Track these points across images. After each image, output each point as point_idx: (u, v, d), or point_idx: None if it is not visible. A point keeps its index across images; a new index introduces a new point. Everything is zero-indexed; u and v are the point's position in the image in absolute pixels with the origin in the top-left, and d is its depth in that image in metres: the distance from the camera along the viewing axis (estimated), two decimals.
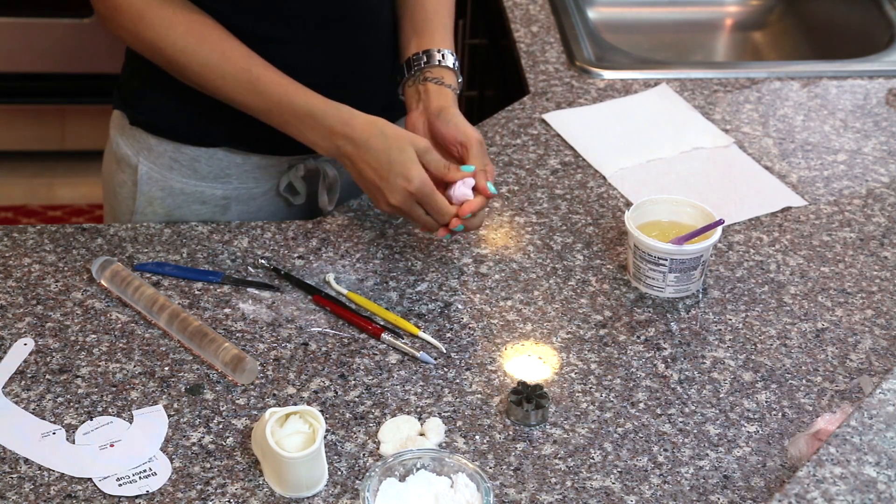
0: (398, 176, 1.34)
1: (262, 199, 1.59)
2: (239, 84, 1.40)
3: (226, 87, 1.41)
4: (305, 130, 1.40)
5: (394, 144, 1.35)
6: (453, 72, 1.49)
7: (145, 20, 1.38)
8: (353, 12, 1.49)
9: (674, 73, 1.94)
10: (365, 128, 1.37)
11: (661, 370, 1.35)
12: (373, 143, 1.36)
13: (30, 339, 1.34)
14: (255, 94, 1.40)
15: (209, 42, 1.40)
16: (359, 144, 1.37)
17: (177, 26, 1.39)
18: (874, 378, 1.34)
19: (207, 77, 1.40)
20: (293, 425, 1.17)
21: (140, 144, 1.55)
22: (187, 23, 1.39)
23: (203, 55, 1.39)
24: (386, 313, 1.40)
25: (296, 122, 1.40)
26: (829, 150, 1.76)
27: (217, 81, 1.41)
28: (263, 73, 1.40)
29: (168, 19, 1.38)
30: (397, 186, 1.34)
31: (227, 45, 1.40)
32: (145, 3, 1.38)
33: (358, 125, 1.37)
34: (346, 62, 1.51)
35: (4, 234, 1.50)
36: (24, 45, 3.04)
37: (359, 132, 1.37)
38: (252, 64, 1.40)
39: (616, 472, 1.22)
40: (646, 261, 1.43)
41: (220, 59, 1.39)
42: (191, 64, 1.40)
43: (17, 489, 1.17)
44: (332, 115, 1.38)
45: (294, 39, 1.46)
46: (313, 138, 1.41)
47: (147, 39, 1.40)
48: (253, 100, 1.41)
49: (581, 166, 1.70)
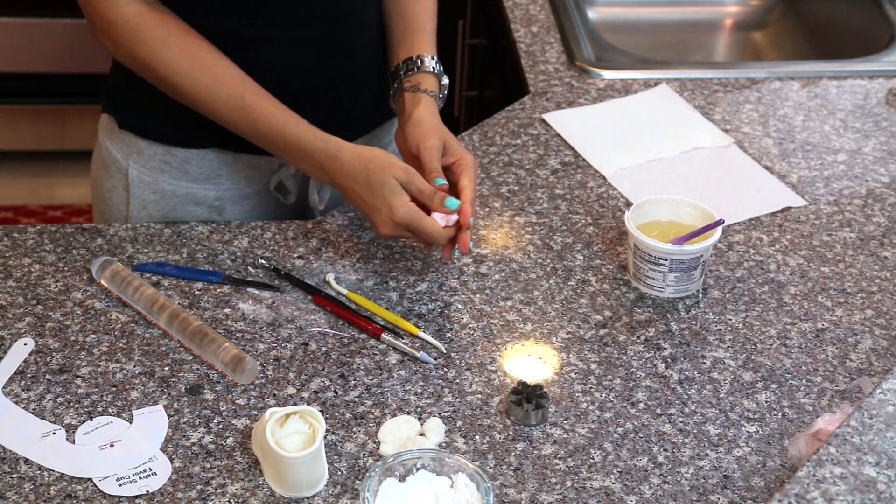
0: (382, 209, 1.36)
1: (255, 198, 1.59)
2: (231, 109, 1.41)
3: (216, 110, 1.42)
4: (297, 161, 1.43)
5: (375, 179, 1.37)
6: (432, 74, 1.50)
7: (140, 38, 1.39)
8: (338, 12, 1.49)
9: (674, 73, 1.94)
10: (351, 162, 1.39)
11: (661, 370, 1.35)
12: (358, 177, 1.38)
13: (30, 339, 1.34)
14: (246, 121, 1.42)
15: (202, 64, 1.40)
16: (347, 177, 1.39)
17: (171, 46, 1.39)
18: (874, 378, 1.34)
19: (199, 99, 1.41)
20: (293, 425, 1.17)
21: (130, 148, 1.55)
22: (181, 44, 1.39)
23: (196, 76, 1.40)
24: (386, 313, 1.40)
25: (286, 153, 1.43)
26: (829, 150, 1.76)
27: (209, 106, 1.42)
28: (255, 102, 1.41)
29: (162, 39, 1.39)
30: (384, 217, 1.37)
31: (220, 70, 1.40)
32: (141, 21, 1.38)
33: (344, 159, 1.39)
34: (333, 62, 1.51)
35: (4, 234, 1.50)
36: (24, 45, 3.04)
37: (346, 167, 1.39)
38: (245, 90, 1.41)
39: (616, 472, 1.22)
40: (646, 261, 1.43)
41: (212, 83, 1.40)
42: (183, 85, 1.40)
43: (17, 489, 1.17)
44: (320, 149, 1.40)
45: (280, 39, 1.46)
46: (305, 168, 1.43)
47: (141, 57, 1.40)
48: (244, 126, 1.42)
49: (581, 166, 1.70)
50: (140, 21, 1.38)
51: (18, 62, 3.08)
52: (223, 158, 1.54)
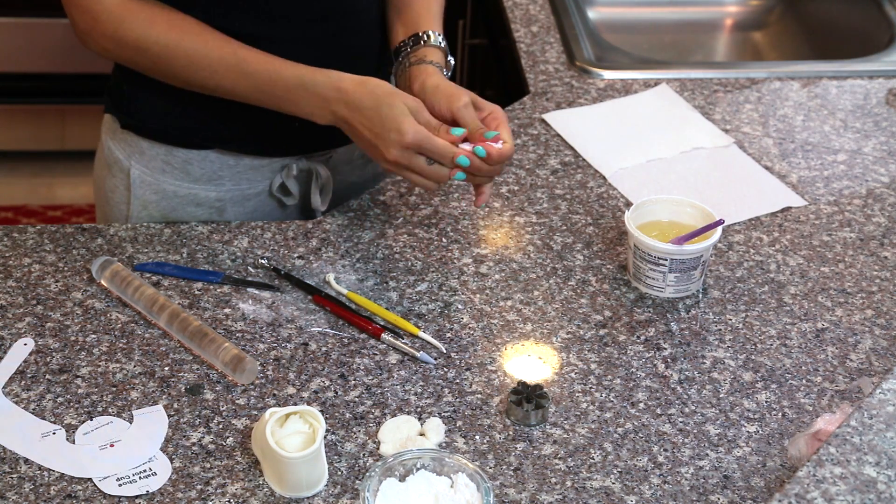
0: (391, 131, 1.34)
1: (256, 200, 1.59)
2: (226, 69, 1.40)
3: (214, 76, 1.41)
4: (299, 102, 1.41)
5: (384, 101, 1.36)
6: (439, 49, 1.49)
7: (126, 23, 1.39)
8: (339, 11, 1.49)
9: (674, 73, 1.94)
10: (356, 88, 1.38)
11: (661, 370, 1.35)
12: (364, 102, 1.37)
13: (30, 339, 1.34)
14: (243, 75, 1.40)
15: (191, 34, 1.40)
16: (352, 106, 1.37)
17: (158, 24, 1.39)
18: (874, 378, 1.34)
19: (194, 68, 1.40)
20: (293, 425, 1.17)
21: (132, 148, 1.55)
22: (167, 21, 1.39)
23: (187, 46, 1.39)
24: (386, 313, 1.40)
25: (288, 97, 1.41)
26: (829, 150, 1.76)
27: (204, 71, 1.40)
28: (249, 55, 1.40)
29: (148, 19, 1.39)
30: (391, 141, 1.35)
31: (209, 35, 1.40)
32: (125, 9, 1.39)
33: (349, 87, 1.38)
34: (333, 61, 1.51)
35: (4, 234, 1.50)
36: (24, 45, 3.04)
37: (350, 94, 1.37)
38: (236, 48, 1.40)
39: (616, 472, 1.22)
40: (646, 261, 1.43)
41: (204, 48, 1.40)
42: (176, 57, 1.40)
43: (17, 489, 1.17)
44: (321, 82, 1.39)
45: (281, 38, 1.46)
46: (308, 109, 1.41)
47: (130, 42, 1.40)
48: (242, 82, 1.41)
49: (581, 166, 1.70)
50: (124, 10, 1.39)
51: (18, 62, 3.08)
52: (224, 160, 1.54)
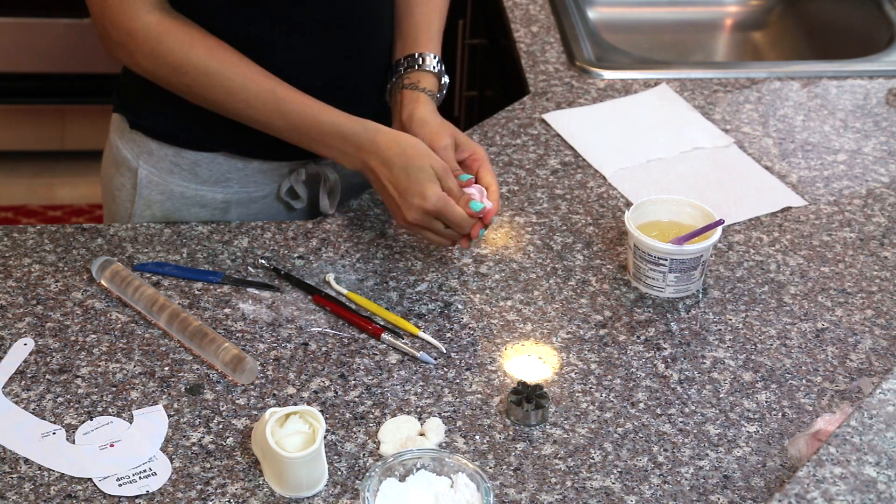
0: (415, 195, 1.36)
1: (263, 202, 1.59)
2: (264, 105, 1.41)
3: (249, 109, 1.42)
4: (332, 146, 1.42)
5: (413, 163, 1.37)
6: (433, 74, 1.51)
7: (164, 45, 1.38)
8: (354, 19, 1.49)
9: (674, 73, 1.94)
10: (389, 145, 1.39)
11: (661, 370, 1.35)
12: (395, 161, 1.38)
13: (30, 339, 1.34)
14: (280, 114, 1.41)
15: (230, 64, 1.40)
16: (383, 161, 1.39)
17: (197, 49, 1.39)
18: (874, 378, 1.34)
19: (232, 99, 1.41)
20: (293, 425, 1.17)
21: (140, 148, 1.55)
22: (206, 47, 1.39)
23: (226, 76, 1.40)
24: (386, 313, 1.40)
25: (322, 140, 1.42)
26: (829, 150, 1.76)
27: (241, 103, 1.41)
28: (287, 94, 1.41)
29: (188, 44, 1.39)
30: (413, 205, 1.37)
31: (248, 68, 1.41)
32: (163, 29, 1.38)
33: (383, 142, 1.40)
34: (345, 65, 1.51)
35: (4, 234, 1.50)
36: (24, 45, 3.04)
37: (384, 150, 1.39)
38: (275, 85, 1.41)
39: (616, 472, 1.22)
40: (646, 261, 1.43)
41: (243, 80, 1.40)
42: (214, 86, 1.40)
43: (17, 489, 1.17)
44: (359, 132, 1.40)
45: (300, 45, 1.46)
46: (339, 154, 1.43)
47: (169, 63, 1.39)
48: (278, 120, 1.42)
49: (581, 166, 1.70)
50: (163, 29, 1.38)
51: (18, 62, 3.08)
52: (233, 163, 1.54)
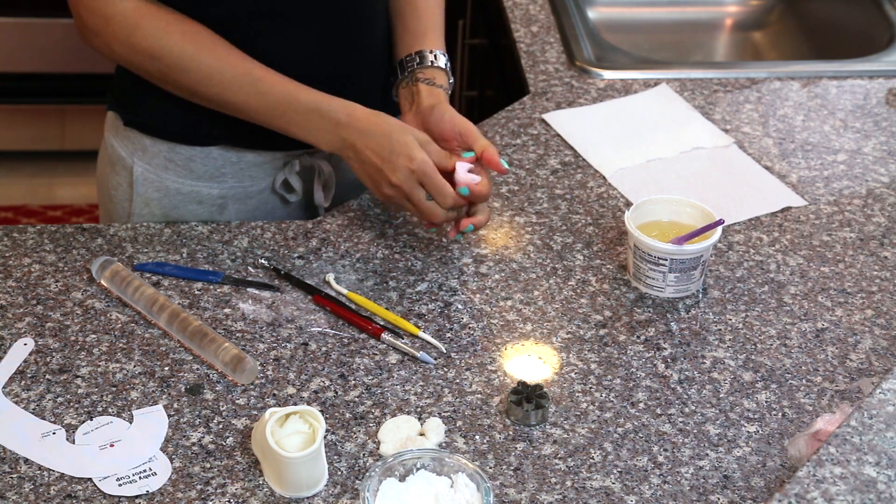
0: (400, 155, 1.37)
1: (259, 197, 1.59)
2: (241, 86, 1.41)
3: (225, 92, 1.42)
4: (310, 126, 1.43)
5: (395, 130, 1.40)
6: (444, 72, 1.53)
7: (140, 31, 1.39)
8: (345, 8, 1.50)
9: (674, 73, 1.94)
10: (369, 117, 1.41)
11: (661, 370, 1.35)
12: (376, 129, 1.40)
13: (30, 339, 1.34)
14: (257, 94, 1.42)
15: (206, 47, 1.41)
16: (363, 132, 1.40)
17: (172, 34, 1.39)
18: (874, 378, 1.34)
19: (207, 83, 1.41)
20: (293, 425, 1.17)
21: (135, 145, 1.55)
22: (182, 31, 1.40)
23: (203, 59, 1.40)
24: (386, 313, 1.40)
25: (300, 120, 1.42)
26: (829, 150, 1.76)
27: (217, 87, 1.42)
28: (264, 75, 1.42)
29: (163, 28, 1.39)
30: (399, 165, 1.37)
31: (224, 50, 1.41)
32: (139, 14, 1.38)
33: (362, 115, 1.42)
34: (339, 58, 1.52)
35: (4, 234, 1.50)
36: (24, 45, 3.04)
37: (363, 122, 1.41)
38: (252, 66, 1.42)
39: (616, 472, 1.22)
40: (646, 261, 1.43)
41: (219, 64, 1.41)
42: (189, 70, 1.41)
43: (17, 489, 1.17)
44: (336, 108, 1.42)
45: (286, 35, 1.46)
46: (317, 133, 1.43)
47: (143, 49, 1.40)
48: (255, 101, 1.42)
49: (581, 166, 1.70)
50: (139, 15, 1.38)
51: (18, 62, 3.08)
52: (227, 156, 1.54)
